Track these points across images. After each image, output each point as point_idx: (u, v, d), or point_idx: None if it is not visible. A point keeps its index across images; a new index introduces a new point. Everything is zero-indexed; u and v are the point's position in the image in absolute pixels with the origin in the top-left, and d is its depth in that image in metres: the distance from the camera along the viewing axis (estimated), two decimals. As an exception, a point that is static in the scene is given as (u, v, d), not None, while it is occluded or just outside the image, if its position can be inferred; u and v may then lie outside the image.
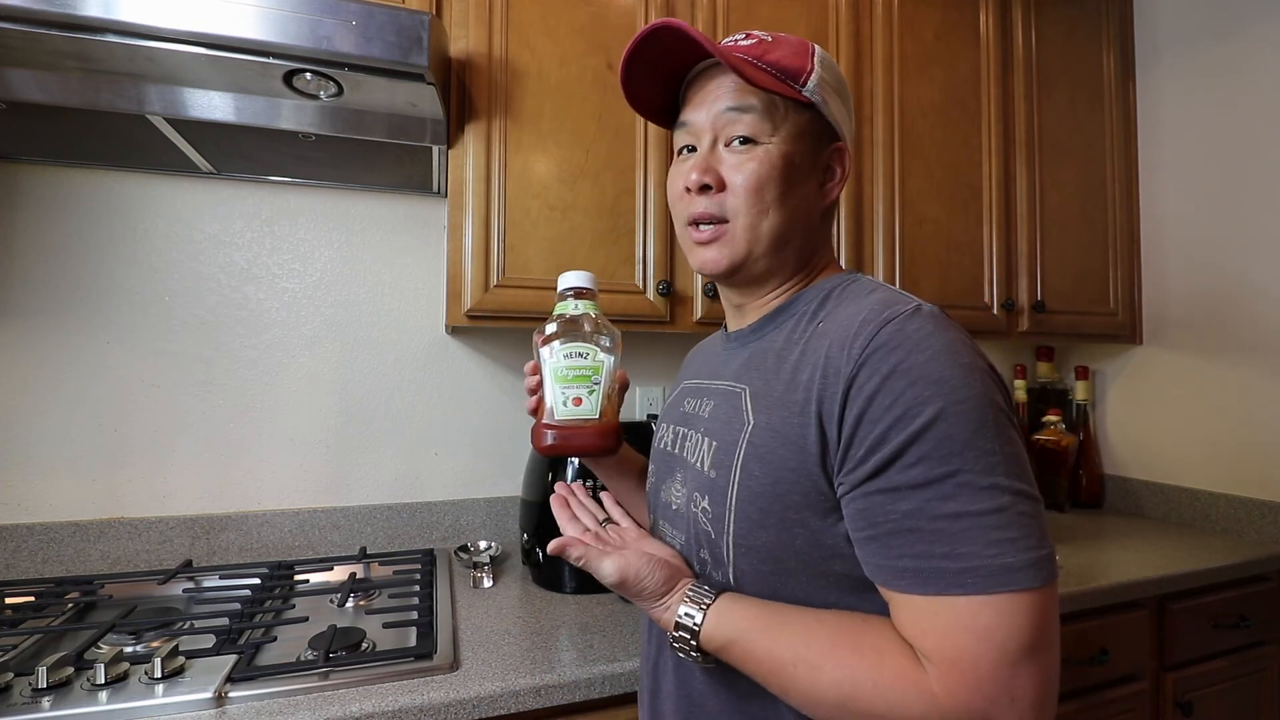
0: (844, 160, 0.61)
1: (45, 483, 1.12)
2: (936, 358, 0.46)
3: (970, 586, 0.42)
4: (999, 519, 0.42)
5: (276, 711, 0.70)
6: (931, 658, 0.43)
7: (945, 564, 0.43)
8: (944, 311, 0.50)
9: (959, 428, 0.44)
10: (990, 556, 0.42)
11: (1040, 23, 1.57)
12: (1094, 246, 1.62)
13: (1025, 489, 0.44)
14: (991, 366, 0.48)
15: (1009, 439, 0.45)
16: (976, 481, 0.43)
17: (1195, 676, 1.23)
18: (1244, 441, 1.48)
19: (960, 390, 0.44)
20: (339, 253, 1.29)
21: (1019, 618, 0.41)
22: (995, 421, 0.44)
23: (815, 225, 0.61)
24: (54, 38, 0.76)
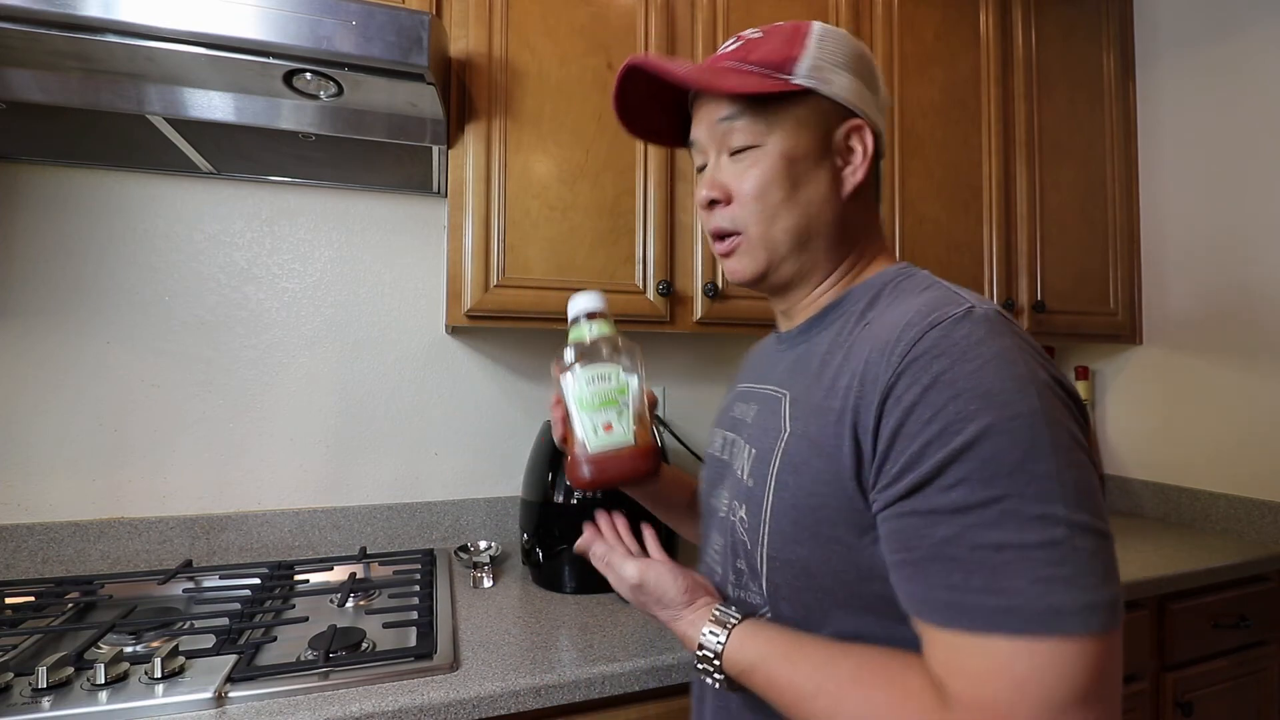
0: (864, 136, 0.56)
1: (45, 483, 1.12)
2: (985, 367, 0.41)
3: (1010, 627, 0.37)
4: (1051, 553, 0.37)
5: (276, 711, 0.70)
6: (960, 701, 0.38)
7: (983, 599, 0.38)
8: (1003, 313, 0.45)
9: (1008, 447, 0.39)
10: (1036, 595, 0.37)
11: (1040, 23, 1.57)
12: (1094, 246, 1.62)
13: (1088, 521, 0.38)
14: (1059, 379, 0.43)
15: (1072, 462, 0.39)
16: (1025, 509, 0.38)
17: (1195, 676, 1.23)
18: (1244, 441, 1.48)
19: (1013, 405, 0.40)
20: (339, 253, 1.29)
21: (1065, 668, 0.36)
22: (1054, 442, 0.39)
23: (843, 214, 0.56)
24: (54, 38, 0.76)
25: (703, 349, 1.57)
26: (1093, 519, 0.39)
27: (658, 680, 0.83)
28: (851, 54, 0.58)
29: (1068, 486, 0.39)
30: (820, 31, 0.57)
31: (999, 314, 0.44)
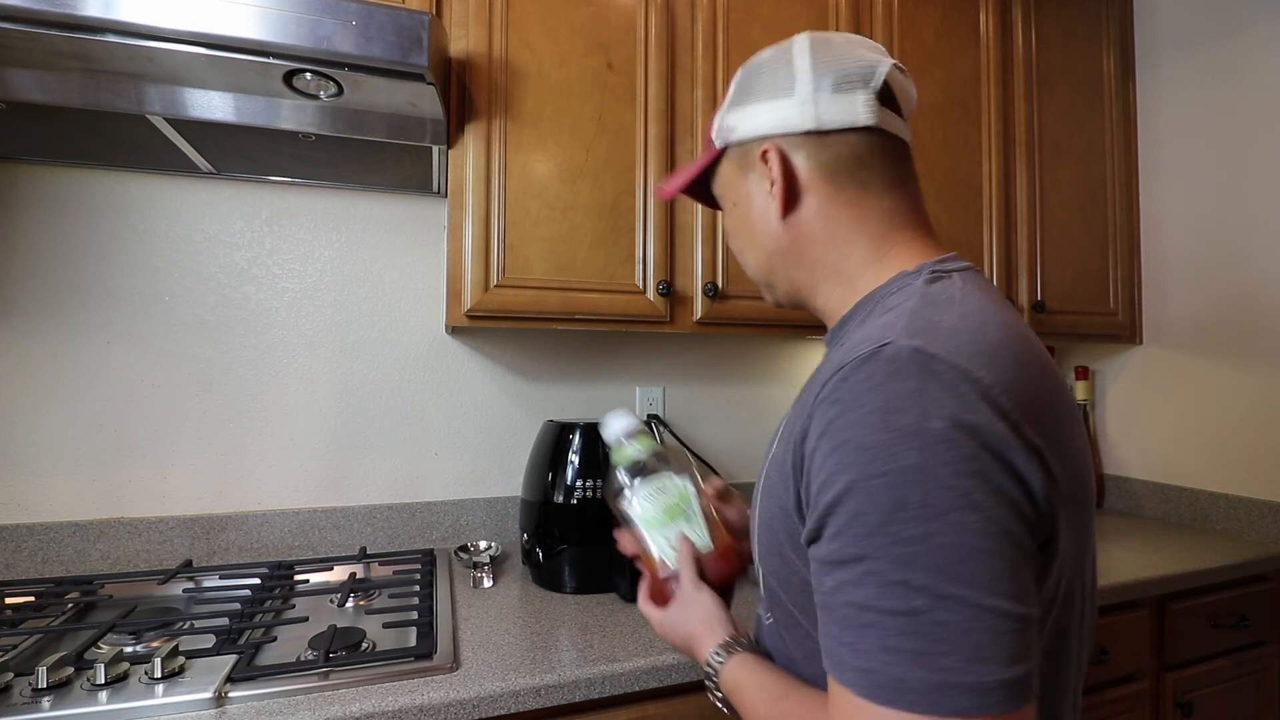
0: (769, 157, 0.54)
1: (45, 483, 1.12)
2: (867, 417, 0.39)
3: (861, 689, 0.37)
4: (905, 623, 0.36)
5: (276, 711, 0.70)
6: None
7: (847, 655, 0.38)
8: (922, 350, 0.40)
9: (869, 507, 0.37)
10: (884, 664, 0.36)
11: (1040, 23, 1.57)
12: (1094, 246, 1.62)
13: (957, 593, 0.35)
14: (974, 426, 0.37)
15: (954, 525, 0.36)
16: (886, 574, 0.36)
17: (1195, 676, 1.23)
18: (1244, 441, 1.48)
19: (880, 461, 0.37)
20: (339, 253, 1.29)
21: None
22: (926, 503, 0.36)
23: (789, 234, 0.55)
24: (54, 38, 0.76)
25: (703, 349, 1.57)
26: (971, 591, 0.35)
27: (658, 680, 0.83)
28: (750, 74, 0.58)
29: (935, 553, 0.36)
30: (740, 74, 0.59)
31: (914, 352, 0.40)
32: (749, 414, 1.61)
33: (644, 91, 1.18)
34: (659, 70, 1.19)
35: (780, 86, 0.54)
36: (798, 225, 0.55)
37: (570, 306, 1.12)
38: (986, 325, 0.43)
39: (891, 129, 0.54)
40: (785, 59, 0.55)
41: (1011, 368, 0.41)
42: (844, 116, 0.52)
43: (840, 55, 0.53)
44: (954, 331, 0.42)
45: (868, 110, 0.52)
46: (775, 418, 1.64)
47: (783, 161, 0.54)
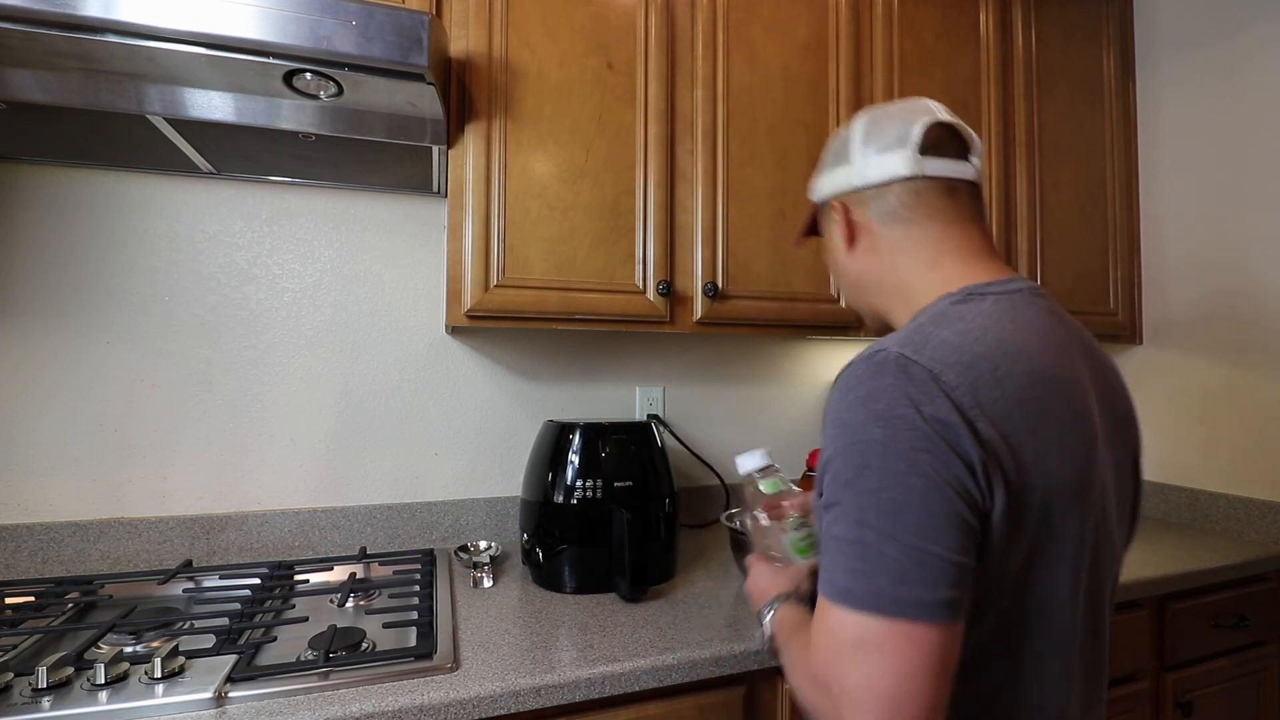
0: (836, 212, 0.70)
1: (45, 483, 1.12)
2: (852, 403, 0.52)
3: (828, 595, 0.51)
4: (858, 551, 0.49)
5: (276, 711, 0.70)
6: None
7: (825, 574, 0.52)
8: (907, 356, 0.52)
9: (845, 467, 0.51)
10: (843, 578, 0.50)
11: (1040, 23, 1.57)
12: (1094, 246, 1.62)
13: (895, 534, 0.48)
14: (933, 417, 0.49)
15: (897, 485, 0.48)
16: (850, 515, 0.50)
17: (1195, 676, 1.23)
18: (1244, 441, 1.48)
19: (855, 435, 0.51)
20: (339, 253, 1.29)
21: (848, 628, 0.49)
22: (884, 468, 0.49)
23: (856, 267, 0.70)
24: (54, 38, 0.76)
25: (703, 349, 1.57)
26: (907, 535, 0.47)
27: (658, 680, 0.83)
28: (827, 150, 0.74)
29: (885, 504, 0.48)
30: (825, 150, 0.75)
31: (898, 357, 0.52)
32: (749, 414, 1.61)
33: (644, 91, 1.18)
34: (659, 70, 1.19)
35: (841, 157, 0.70)
36: (859, 259, 0.70)
37: (570, 306, 1.12)
38: (978, 341, 0.53)
39: (937, 172, 0.64)
40: (846, 135, 0.70)
41: (985, 376, 0.51)
42: (886, 173, 0.65)
43: (884, 125, 0.66)
44: (942, 343, 0.53)
45: (905, 164, 0.64)
46: (775, 418, 1.64)
47: (845, 212, 0.69)
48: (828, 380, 1.69)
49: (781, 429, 1.65)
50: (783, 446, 1.64)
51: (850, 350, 1.71)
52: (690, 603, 1.02)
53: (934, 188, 0.64)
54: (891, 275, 0.67)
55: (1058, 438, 0.53)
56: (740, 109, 1.25)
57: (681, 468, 1.54)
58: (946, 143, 0.64)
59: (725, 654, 0.86)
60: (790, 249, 1.28)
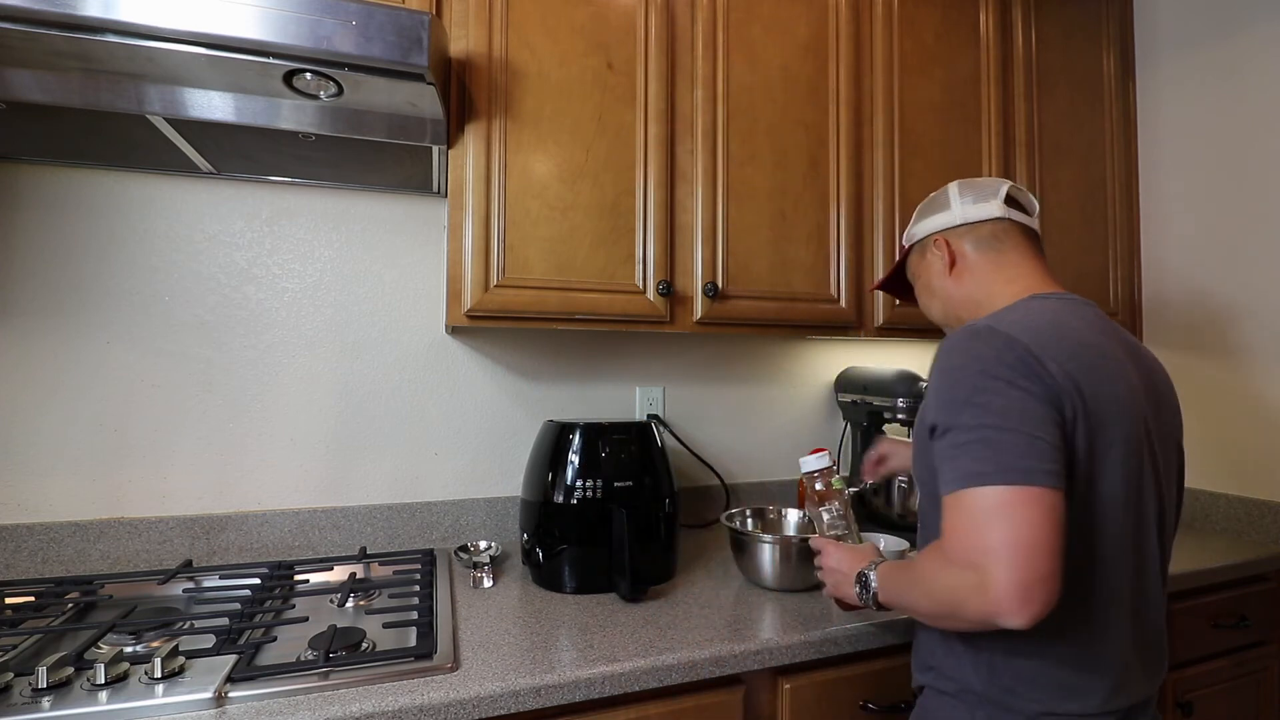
0: (938, 245, 0.90)
1: (45, 483, 1.12)
2: (954, 356, 0.70)
3: (957, 484, 0.64)
4: (981, 447, 0.64)
5: (276, 711, 0.70)
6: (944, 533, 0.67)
7: (949, 474, 0.66)
8: (991, 326, 0.71)
9: (960, 396, 0.67)
10: (971, 467, 0.64)
11: (1040, 23, 1.57)
12: (1094, 246, 1.62)
13: (1011, 427, 0.63)
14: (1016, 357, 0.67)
15: (1001, 397, 0.65)
16: (970, 426, 0.65)
17: (1195, 676, 1.23)
18: (1244, 441, 1.48)
19: (961, 373, 0.68)
20: (339, 253, 1.29)
21: (986, 499, 0.62)
22: (987, 388, 0.66)
23: (960, 286, 0.88)
24: (54, 38, 0.76)
25: (703, 349, 1.57)
26: (1021, 426, 0.63)
27: (658, 680, 0.83)
28: (924, 206, 0.95)
29: (995, 410, 0.64)
30: (919, 208, 0.96)
31: (985, 327, 0.71)
32: (749, 414, 1.61)
33: (644, 91, 1.18)
34: (659, 70, 1.19)
35: (941, 206, 0.92)
36: (957, 281, 0.88)
37: (570, 306, 1.12)
38: (1039, 319, 0.73)
39: (1015, 218, 0.86)
40: (942, 194, 0.92)
41: (1047, 338, 0.69)
42: (981, 214, 0.87)
43: (976, 186, 0.90)
44: (1013, 322, 0.72)
45: (997, 209, 0.86)
46: (775, 417, 1.64)
47: (947, 244, 0.89)
48: (828, 380, 1.69)
49: (781, 429, 1.65)
50: (783, 446, 1.64)
51: (850, 350, 1.71)
52: (690, 603, 1.02)
53: (1014, 229, 0.86)
54: (980, 291, 0.86)
55: (1106, 382, 0.70)
56: (740, 109, 1.25)
57: (681, 468, 1.54)
58: (1019, 202, 0.88)
59: (725, 654, 0.86)
60: (790, 249, 1.28)
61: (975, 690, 0.73)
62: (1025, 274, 0.84)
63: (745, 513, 1.25)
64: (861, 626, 0.94)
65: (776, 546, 1.06)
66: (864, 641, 0.94)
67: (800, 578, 1.07)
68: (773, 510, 1.28)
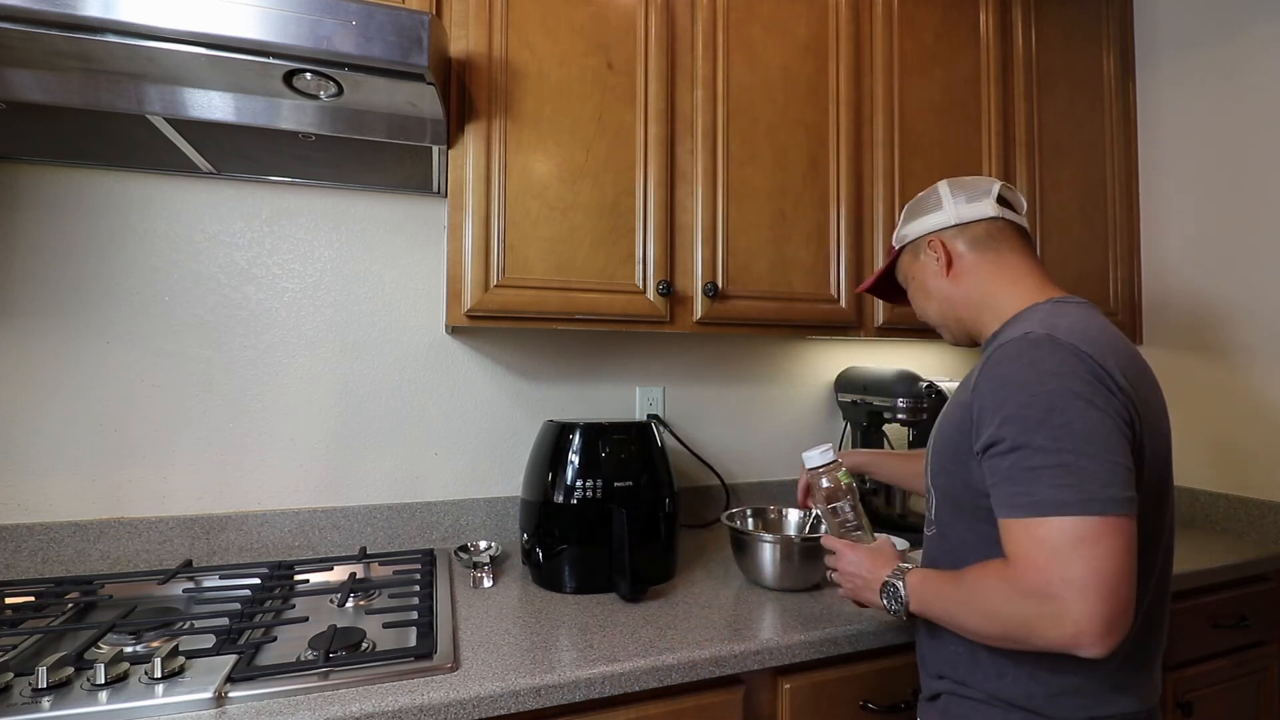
0: (932, 247, 0.88)
1: (45, 483, 1.12)
2: (1020, 369, 0.67)
3: (1032, 512, 0.62)
4: (1061, 472, 0.61)
5: (276, 711, 0.70)
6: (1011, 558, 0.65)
7: (1020, 498, 0.63)
8: (1052, 336, 0.68)
9: (1032, 414, 0.64)
10: (1050, 494, 0.61)
11: (1040, 23, 1.57)
12: (1094, 246, 1.62)
13: (1092, 452, 0.61)
14: (1089, 370, 0.65)
15: (1081, 418, 0.62)
16: (1047, 448, 0.62)
17: (1195, 676, 1.23)
18: (1244, 441, 1.48)
19: (1033, 389, 0.65)
20: (339, 253, 1.29)
21: (1066, 531, 0.60)
22: (1065, 408, 0.63)
23: (953, 289, 0.87)
24: (54, 38, 0.76)
25: (703, 349, 1.57)
26: (1101, 451, 0.61)
27: (658, 680, 0.83)
28: (913, 206, 0.93)
29: (1076, 433, 0.62)
30: (906, 208, 0.95)
31: (1046, 336, 0.69)
32: (749, 414, 1.61)
33: (644, 91, 1.18)
34: (659, 70, 1.19)
35: (932, 206, 0.90)
36: (955, 282, 0.87)
37: (570, 306, 1.12)
38: (1089, 328, 0.71)
39: (1009, 218, 0.86)
40: (933, 193, 0.90)
41: (1105, 349, 0.68)
42: (975, 213, 0.86)
43: (967, 186, 0.88)
44: (1069, 330, 0.70)
45: (990, 209, 0.85)
46: (775, 417, 1.64)
47: (942, 244, 0.87)
48: (828, 380, 1.69)
49: (781, 429, 1.65)
50: (783, 446, 1.64)
51: (850, 350, 1.71)
52: (690, 603, 1.02)
53: (1008, 228, 0.85)
54: (979, 291, 0.85)
55: (1152, 390, 0.72)
56: (740, 109, 1.25)
57: (681, 468, 1.54)
58: (1009, 201, 0.88)
59: (725, 654, 0.86)
60: (790, 249, 1.28)
61: (1008, 699, 0.72)
62: (1027, 274, 0.84)
63: (745, 512, 1.26)
64: (861, 626, 0.94)
65: (777, 546, 1.06)
66: (864, 641, 0.94)
67: (801, 578, 1.07)
68: (773, 510, 1.28)
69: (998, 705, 0.73)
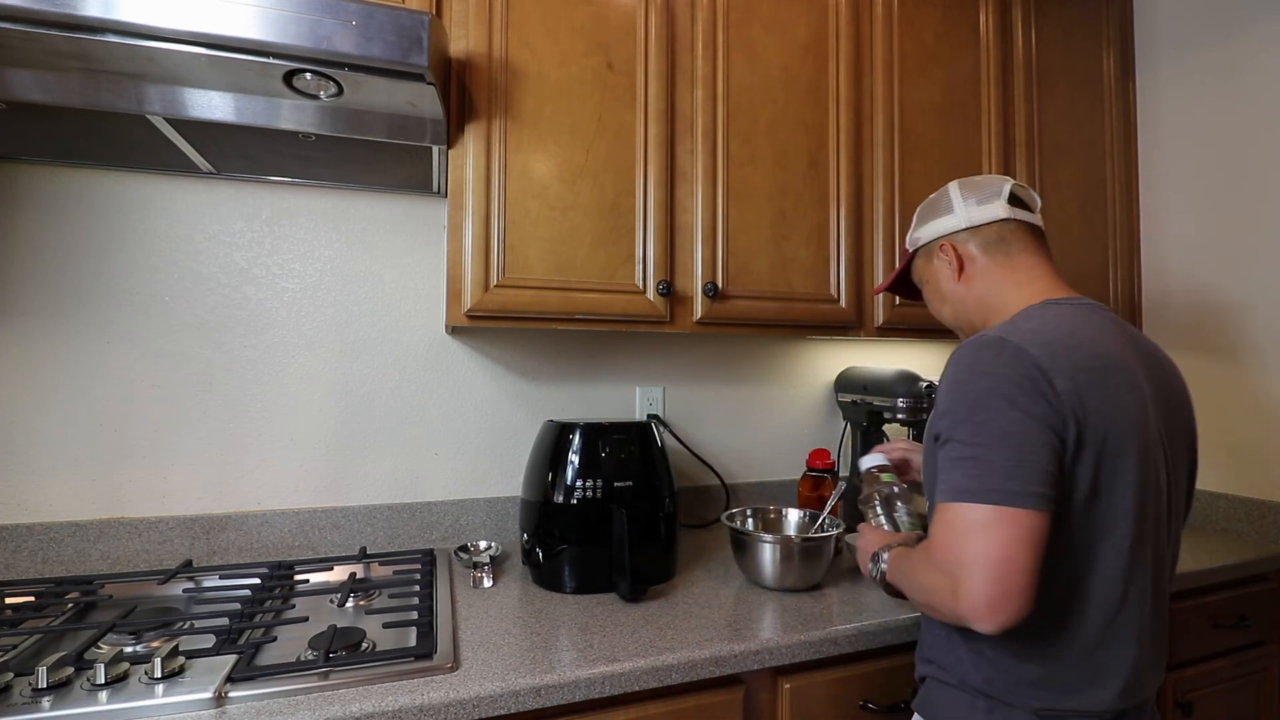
0: (945, 251, 0.89)
1: (45, 483, 1.12)
2: (962, 369, 0.72)
3: (945, 497, 0.68)
4: (972, 464, 0.67)
5: (276, 711, 0.70)
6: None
7: (942, 485, 0.69)
8: (1002, 338, 0.71)
9: (961, 410, 0.70)
10: (961, 483, 0.67)
11: (1040, 23, 1.57)
12: (1094, 246, 1.62)
13: (1003, 450, 0.66)
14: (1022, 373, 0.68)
15: (1000, 417, 0.67)
16: (966, 441, 0.68)
17: (1195, 676, 1.23)
18: (1244, 441, 1.48)
19: (967, 387, 0.70)
20: (339, 253, 1.29)
21: (966, 516, 0.66)
22: (988, 406, 0.68)
23: (964, 292, 0.89)
24: (54, 38, 0.76)
25: (703, 349, 1.57)
26: (1012, 451, 0.66)
27: (658, 680, 0.83)
28: (925, 208, 0.95)
29: (992, 430, 0.67)
30: (918, 210, 0.97)
31: (996, 338, 0.72)
32: (749, 414, 1.61)
33: (644, 91, 1.18)
34: (659, 70, 1.19)
35: (943, 209, 0.91)
36: (968, 285, 0.88)
37: (570, 306, 1.12)
38: (1053, 330, 0.73)
39: (1022, 218, 0.86)
40: (943, 196, 0.92)
41: (1059, 350, 0.70)
42: (986, 216, 0.86)
43: (978, 186, 0.89)
44: (1027, 331, 0.73)
45: (1002, 209, 0.86)
46: (775, 417, 1.64)
47: (954, 248, 0.89)
48: (828, 380, 1.69)
49: (781, 429, 1.65)
50: (783, 446, 1.64)
51: (850, 350, 1.71)
52: (690, 603, 1.02)
53: (1021, 228, 0.86)
54: (990, 294, 0.86)
55: (1115, 395, 0.71)
56: (740, 109, 1.25)
57: (681, 468, 1.54)
58: (1022, 199, 0.88)
59: (725, 654, 0.86)
60: (790, 249, 1.28)
61: (974, 685, 0.75)
62: (1037, 276, 0.84)
63: (745, 512, 1.26)
64: (861, 626, 0.94)
65: (777, 546, 1.06)
66: (864, 641, 0.94)
67: (801, 577, 1.07)
68: (773, 510, 1.27)
69: (965, 691, 0.76)
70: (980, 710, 0.74)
